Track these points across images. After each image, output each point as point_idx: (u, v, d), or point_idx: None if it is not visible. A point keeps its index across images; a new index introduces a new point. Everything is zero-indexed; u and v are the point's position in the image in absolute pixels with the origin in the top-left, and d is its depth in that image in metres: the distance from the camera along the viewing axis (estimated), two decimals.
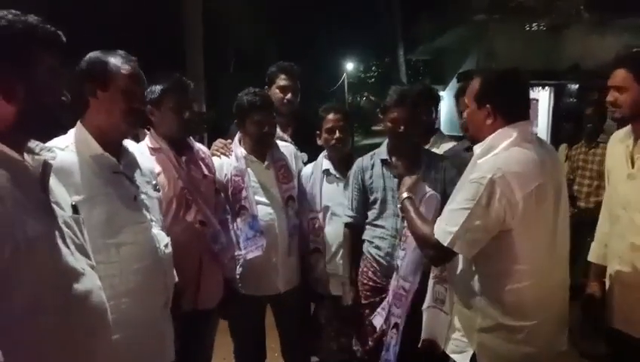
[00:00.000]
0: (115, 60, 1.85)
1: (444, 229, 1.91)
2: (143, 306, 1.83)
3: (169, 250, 2.00)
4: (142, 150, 2.26)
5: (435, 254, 2.01)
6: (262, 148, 2.76)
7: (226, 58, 16.60)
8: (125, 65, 1.86)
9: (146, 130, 2.55)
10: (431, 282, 2.25)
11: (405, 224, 2.41)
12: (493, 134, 1.96)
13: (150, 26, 10.70)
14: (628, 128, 2.29)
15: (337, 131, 2.82)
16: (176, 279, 2.10)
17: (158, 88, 2.41)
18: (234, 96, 2.80)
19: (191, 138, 2.60)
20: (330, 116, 2.85)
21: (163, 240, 1.97)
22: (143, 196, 1.93)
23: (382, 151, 2.70)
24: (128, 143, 2.03)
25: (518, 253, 1.90)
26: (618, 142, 2.32)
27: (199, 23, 9.09)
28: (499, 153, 1.91)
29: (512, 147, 1.91)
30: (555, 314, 2.04)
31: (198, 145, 2.65)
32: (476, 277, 1.99)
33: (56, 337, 1.23)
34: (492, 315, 1.96)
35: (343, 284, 2.73)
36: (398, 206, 2.34)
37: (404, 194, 2.27)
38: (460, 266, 2.08)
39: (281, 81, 3.27)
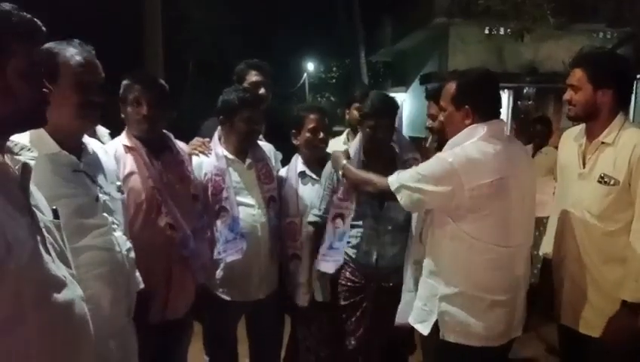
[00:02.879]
0: (66, 51, 1.71)
1: (397, 179, 2.13)
2: (103, 314, 1.70)
3: (132, 254, 1.89)
4: (108, 148, 2.16)
5: (376, 191, 2.31)
6: (247, 147, 2.67)
7: (185, 60, 16.34)
8: (77, 56, 1.72)
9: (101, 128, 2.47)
10: (412, 268, 2.27)
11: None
12: (465, 130, 2.07)
13: (108, 28, 10.46)
14: (582, 127, 2.36)
15: (321, 131, 2.78)
16: (142, 285, 2.01)
17: (123, 83, 2.31)
18: (192, 97, 2.72)
19: (172, 138, 2.47)
20: (313, 116, 2.79)
21: (125, 244, 1.86)
22: (105, 197, 1.82)
23: (353, 154, 2.66)
24: (90, 141, 1.92)
25: (477, 232, 2.02)
26: (572, 140, 2.39)
27: (158, 24, 8.91)
28: (467, 145, 2.03)
29: (479, 141, 2.03)
30: (516, 301, 2.14)
31: (180, 146, 2.52)
32: (442, 247, 2.10)
33: (37, 350, 1.13)
34: (454, 283, 2.07)
35: (301, 286, 2.66)
36: (340, 171, 2.54)
37: (343, 162, 2.51)
38: (429, 240, 2.18)
39: (253, 77, 3.14)
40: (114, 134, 2.50)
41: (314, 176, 2.81)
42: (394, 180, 2.13)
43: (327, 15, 19.20)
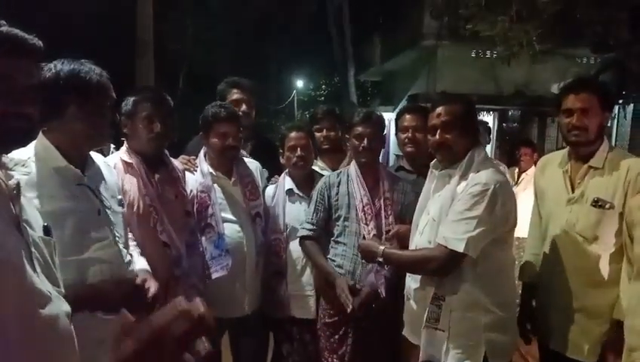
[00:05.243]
0: (93, 73, 1.77)
1: (457, 238, 1.98)
2: (104, 326, 1.70)
3: (132, 267, 1.92)
4: (109, 162, 2.17)
5: (443, 265, 2.03)
6: (226, 162, 2.68)
7: (176, 75, 16.38)
8: (103, 79, 1.79)
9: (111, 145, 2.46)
10: (422, 298, 2.24)
11: None
12: (470, 153, 2.11)
13: (101, 43, 10.47)
14: (564, 152, 2.38)
15: (299, 150, 2.80)
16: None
17: (131, 100, 2.33)
18: (183, 113, 2.73)
19: (167, 154, 2.48)
20: (293, 135, 2.83)
21: (126, 257, 1.89)
22: (107, 210, 1.84)
23: (351, 172, 2.69)
24: (93, 155, 1.95)
25: (507, 250, 2.13)
26: (554, 166, 2.40)
27: (150, 40, 8.97)
28: (484, 168, 2.07)
29: (487, 161, 2.12)
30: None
31: (174, 163, 2.53)
32: (476, 277, 2.05)
33: None
34: (493, 310, 2.06)
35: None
36: (380, 259, 2.26)
37: (381, 248, 2.23)
38: (457, 274, 2.07)
39: (234, 95, 3.22)
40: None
41: (301, 194, 2.83)
42: (455, 242, 1.98)
43: (318, 33, 19.37)
